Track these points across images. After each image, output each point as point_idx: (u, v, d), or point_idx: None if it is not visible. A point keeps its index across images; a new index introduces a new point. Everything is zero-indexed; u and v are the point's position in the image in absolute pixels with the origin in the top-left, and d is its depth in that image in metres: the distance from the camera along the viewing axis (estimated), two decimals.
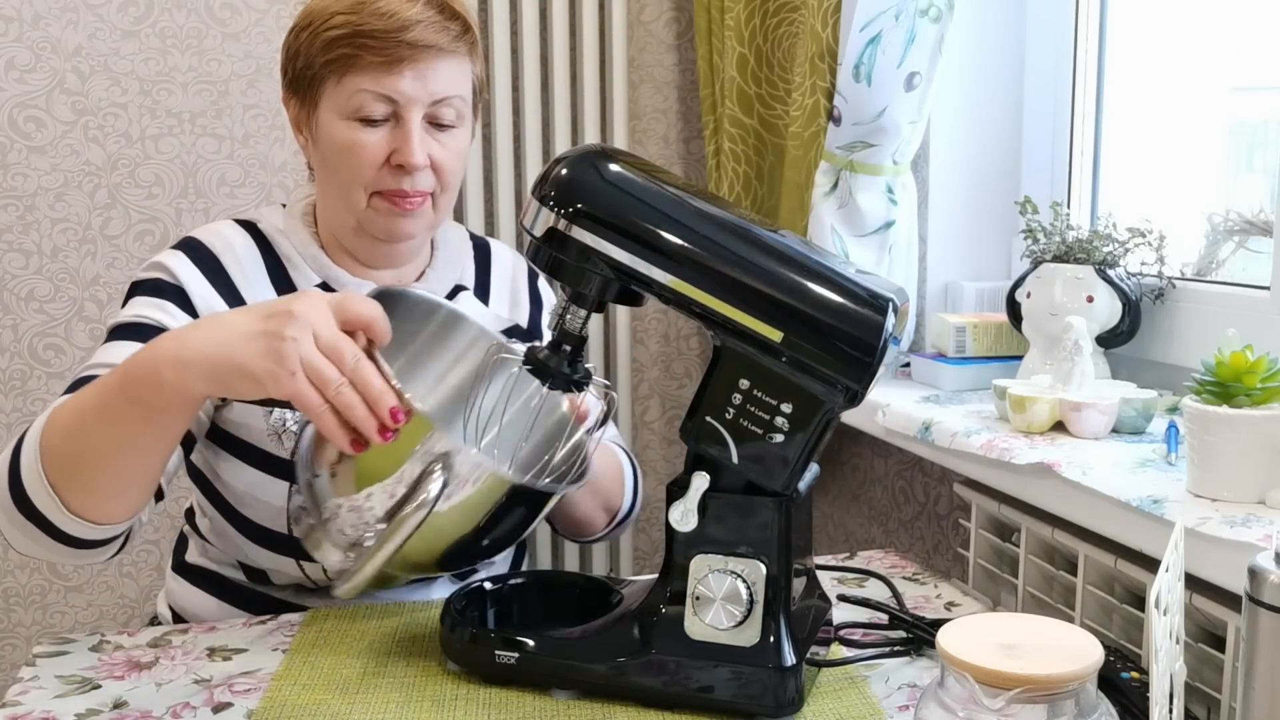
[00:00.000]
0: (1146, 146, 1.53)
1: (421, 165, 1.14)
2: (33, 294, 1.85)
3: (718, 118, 1.89)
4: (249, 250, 1.20)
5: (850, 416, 1.40)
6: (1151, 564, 1.01)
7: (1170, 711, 0.73)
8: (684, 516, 0.91)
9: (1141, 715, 0.89)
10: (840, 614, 1.11)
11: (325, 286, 1.20)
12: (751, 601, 0.89)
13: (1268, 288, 1.24)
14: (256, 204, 1.92)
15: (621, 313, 2.06)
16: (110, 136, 1.84)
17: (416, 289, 1.14)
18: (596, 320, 2.04)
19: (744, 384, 0.89)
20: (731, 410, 0.90)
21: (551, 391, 1.06)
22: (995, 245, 1.67)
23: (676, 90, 2.09)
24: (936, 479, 1.63)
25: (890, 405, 1.40)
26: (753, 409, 0.89)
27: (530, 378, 1.11)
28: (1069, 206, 1.58)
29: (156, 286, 1.15)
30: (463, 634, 0.98)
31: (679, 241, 0.88)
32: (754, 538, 0.90)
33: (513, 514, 0.98)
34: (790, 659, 0.89)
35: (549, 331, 1.32)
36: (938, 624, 1.02)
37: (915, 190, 1.54)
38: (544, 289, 1.38)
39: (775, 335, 0.87)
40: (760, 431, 0.89)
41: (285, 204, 1.27)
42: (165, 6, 1.84)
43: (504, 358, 1.15)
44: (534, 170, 1.96)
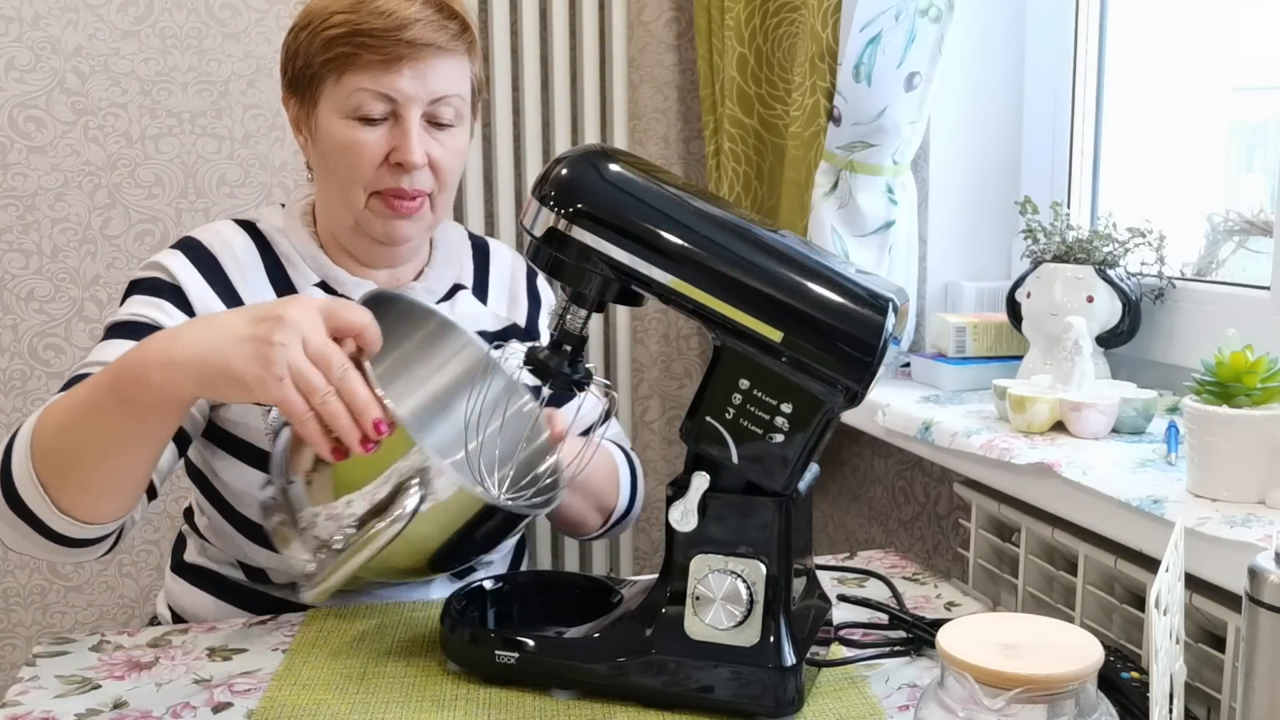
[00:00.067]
0: (1146, 146, 1.53)
1: (420, 164, 1.14)
2: (33, 294, 1.85)
3: (718, 118, 1.89)
4: (248, 250, 1.20)
5: (850, 416, 1.40)
6: (1151, 564, 1.01)
7: (1170, 711, 0.73)
8: (684, 516, 0.91)
9: (1141, 715, 0.89)
10: (840, 614, 1.11)
11: (324, 286, 1.20)
12: (751, 601, 0.89)
13: (1268, 288, 1.24)
14: (256, 204, 1.92)
15: (621, 313, 2.06)
16: (110, 136, 1.84)
17: (411, 295, 1.15)
18: (596, 320, 2.04)
19: (744, 384, 0.89)
20: (731, 410, 0.90)
21: (532, 406, 1.07)
22: (995, 245, 1.67)
23: (676, 90, 2.09)
24: (936, 479, 1.63)
25: (890, 405, 1.40)
26: (753, 409, 0.89)
27: (515, 388, 1.12)
28: (1069, 206, 1.58)
29: (154, 286, 1.16)
30: (463, 634, 0.98)
31: (679, 241, 0.88)
32: (754, 538, 0.90)
33: (485, 529, 0.99)
34: (790, 659, 0.89)
35: (548, 331, 1.33)
36: (938, 624, 1.02)
37: (915, 190, 1.54)
38: (543, 288, 1.38)
39: (775, 335, 0.87)
40: (760, 431, 0.89)
41: (285, 204, 1.27)
42: (165, 6, 1.84)
43: (495, 367, 1.16)
44: (534, 170, 1.96)
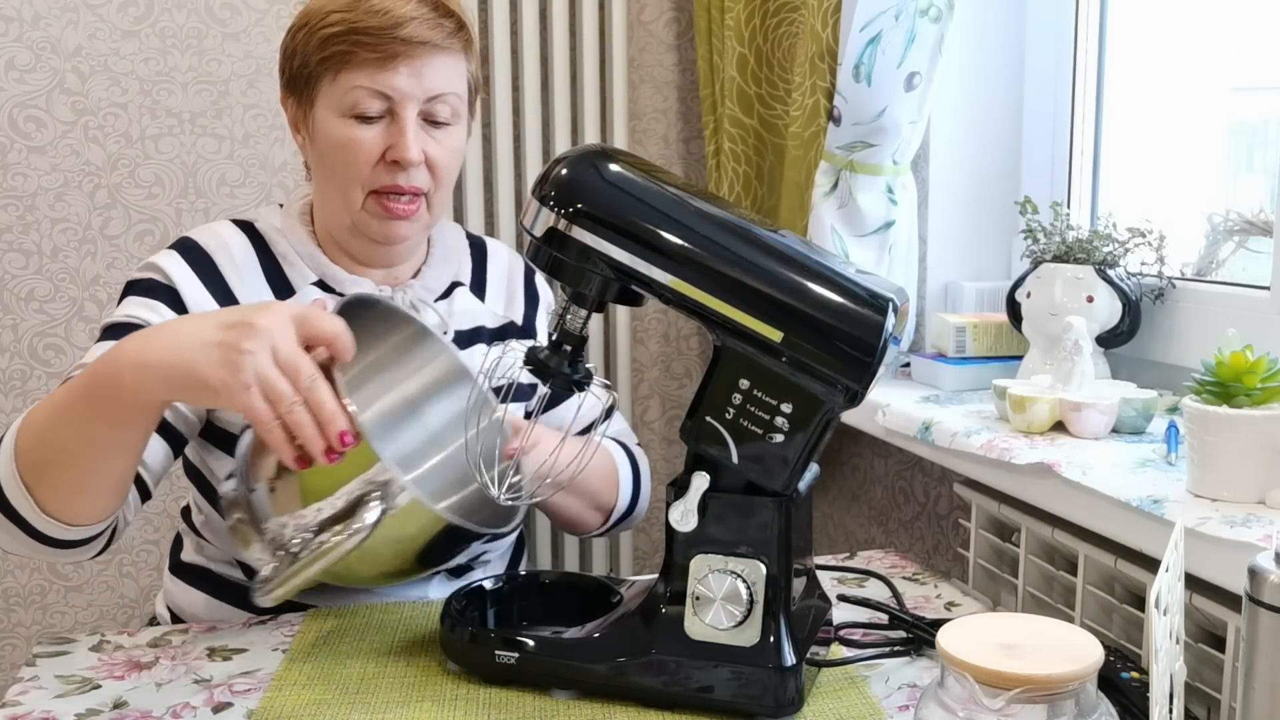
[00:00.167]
0: (1146, 146, 1.53)
1: (416, 161, 1.14)
2: (33, 294, 1.85)
3: (718, 118, 1.89)
4: (244, 249, 1.20)
5: (850, 416, 1.39)
6: (1151, 564, 1.01)
7: (1170, 711, 0.73)
8: (684, 516, 0.91)
9: (1141, 715, 0.89)
10: (840, 614, 1.11)
11: (321, 284, 1.21)
12: (751, 601, 0.89)
13: (1268, 288, 1.24)
14: (256, 204, 1.92)
15: (621, 313, 2.06)
16: (110, 136, 1.84)
17: (391, 300, 1.15)
18: (596, 320, 2.04)
19: (744, 384, 0.89)
20: (731, 410, 0.90)
21: (499, 416, 1.08)
22: (995, 245, 1.67)
23: (676, 90, 2.09)
24: (936, 479, 1.63)
25: (890, 405, 1.39)
26: (753, 409, 0.89)
27: (488, 399, 1.13)
28: (1069, 206, 1.58)
29: (149, 287, 1.16)
30: (463, 634, 0.98)
31: (679, 241, 0.88)
32: (754, 538, 0.90)
33: (445, 543, 1.00)
34: (790, 659, 0.89)
35: (545, 330, 1.33)
36: (938, 624, 1.02)
37: (915, 190, 1.54)
38: (541, 286, 1.38)
39: (775, 335, 0.87)
40: (760, 431, 0.89)
41: (283, 204, 1.27)
42: (165, 6, 1.84)
43: (471, 376, 1.16)
44: (534, 170, 1.96)
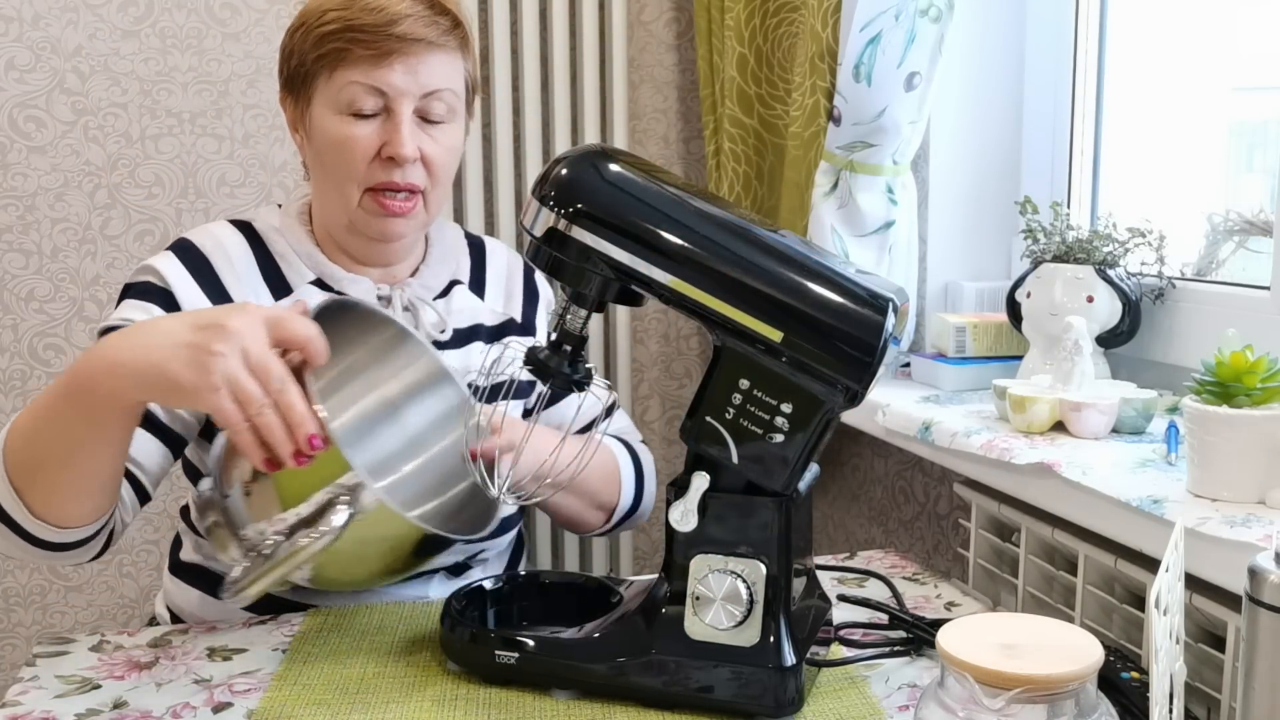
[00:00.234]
0: (1146, 146, 1.53)
1: (411, 157, 1.14)
2: (33, 294, 1.85)
3: (718, 118, 1.89)
4: (241, 249, 1.21)
5: (850, 416, 1.39)
6: (1151, 564, 1.01)
7: (1170, 711, 0.73)
8: (684, 516, 0.91)
9: (1141, 715, 0.89)
10: (840, 614, 1.11)
11: (319, 283, 1.21)
12: (751, 601, 0.89)
13: (1268, 288, 1.24)
14: (256, 204, 1.92)
15: (621, 313, 2.06)
16: (110, 136, 1.84)
17: (369, 303, 1.15)
18: (596, 320, 2.04)
19: (744, 384, 0.89)
20: (731, 410, 0.90)
21: (474, 421, 1.09)
22: (995, 245, 1.67)
23: (676, 90, 2.09)
24: (936, 479, 1.63)
25: (890, 405, 1.39)
26: (753, 409, 0.89)
27: (468, 410, 1.13)
28: (1069, 206, 1.58)
29: (144, 290, 1.17)
30: (463, 634, 0.98)
31: (679, 241, 0.88)
32: (754, 538, 0.90)
33: (421, 547, 1.00)
34: (790, 659, 0.89)
35: (545, 327, 1.33)
36: (938, 624, 1.02)
37: (915, 190, 1.54)
38: (540, 283, 1.38)
39: (775, 335, 0.87)
40: (760, 431, 0.89)
41: (282, 204, 1.28)
42: (165, 6, 1.84)
43: (452, 380, 1.16)
44: (534, 170, 1.96)
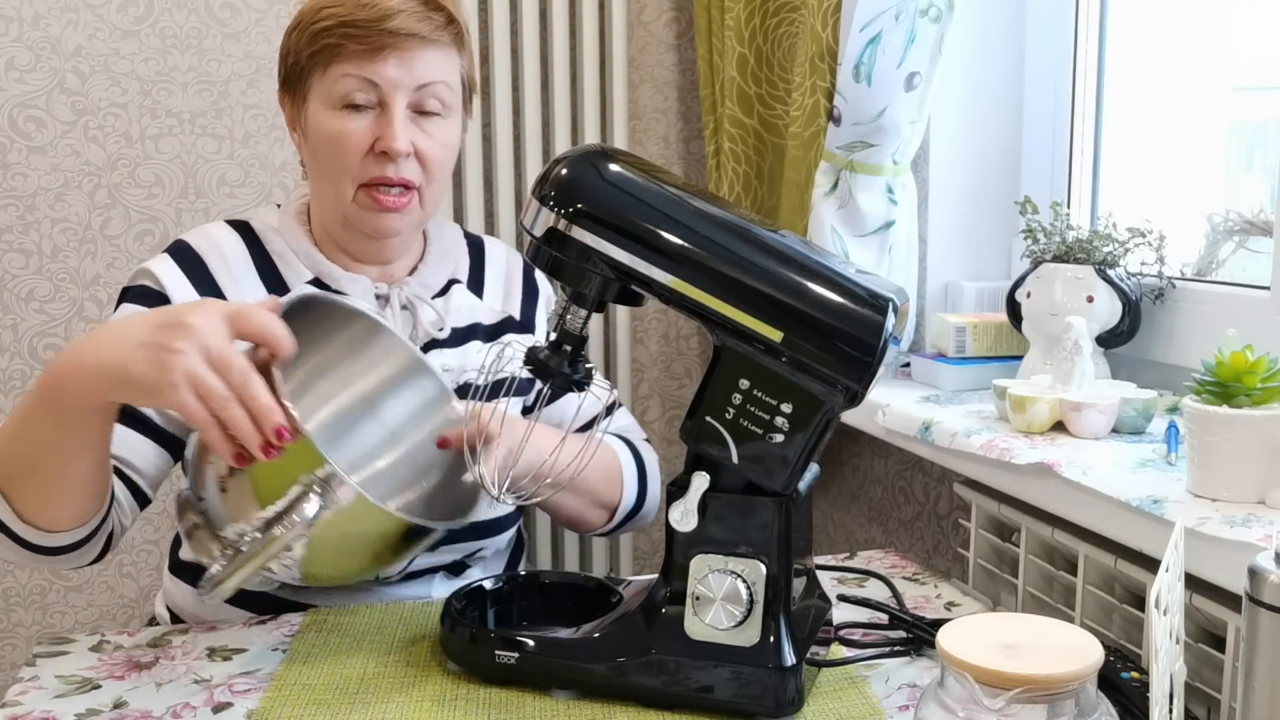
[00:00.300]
0: (1146, 146, 1.53)
1: (404, 151, 1.14)
2: (33, 294, 1.85)
3: (718, 118, 1.89)
4: (238, 250, 1.21)
5: (850, 416, 1.39)
6: (1151, 564, 1.01)
7: (1170, 711, 0.73)
8: (684, 516, 0.91)
9: (1141, 715, 0.89)
10: (840, 614, 1.11)
11: (317, 282, 1.21)
12: (751, 601, 0.89)
13: (1268, 288, 1.24)
14: (256, 204, 1.92)
15: (621, 313, 2.06)
16: (110, 136, 1.84)
17: (340, 297, 1.14)
18: (596, 320, 2.04)
19: (744, 384, 0.89)
20: (731, 410, 0.90)
21: (458, 415, 1.09)
22: (995, 245, 1.67)
23: (676, 90, 2.09)
24: (936, 479, 1.63)
25: (890, 405, 1.39)
26: (753, 409, 0.89)
27: (447, 394, 1.13)
28: (1069, 206, 1.58)
29: (141, 294, 1.18)
30: (463, 634, 0.98)
31: (679, 241, 0.88)
32: (754, 538, 0.90)
33: (400, 537, 0.99)
34: (790, 659, 0.89)
35: (544, 323, 1.33)
36: (938, 624, 1.02)
37: (915, 190, 1.54)
38: (540, 280, 1.38)
39: (775, 335, 0.87)
40: (760, 431, 0.89)
41: (281, 204, 1.28)
42: (165, 6, 1.84)
43: (428, 371, 1.16)
44: (534, 170, 1.96)
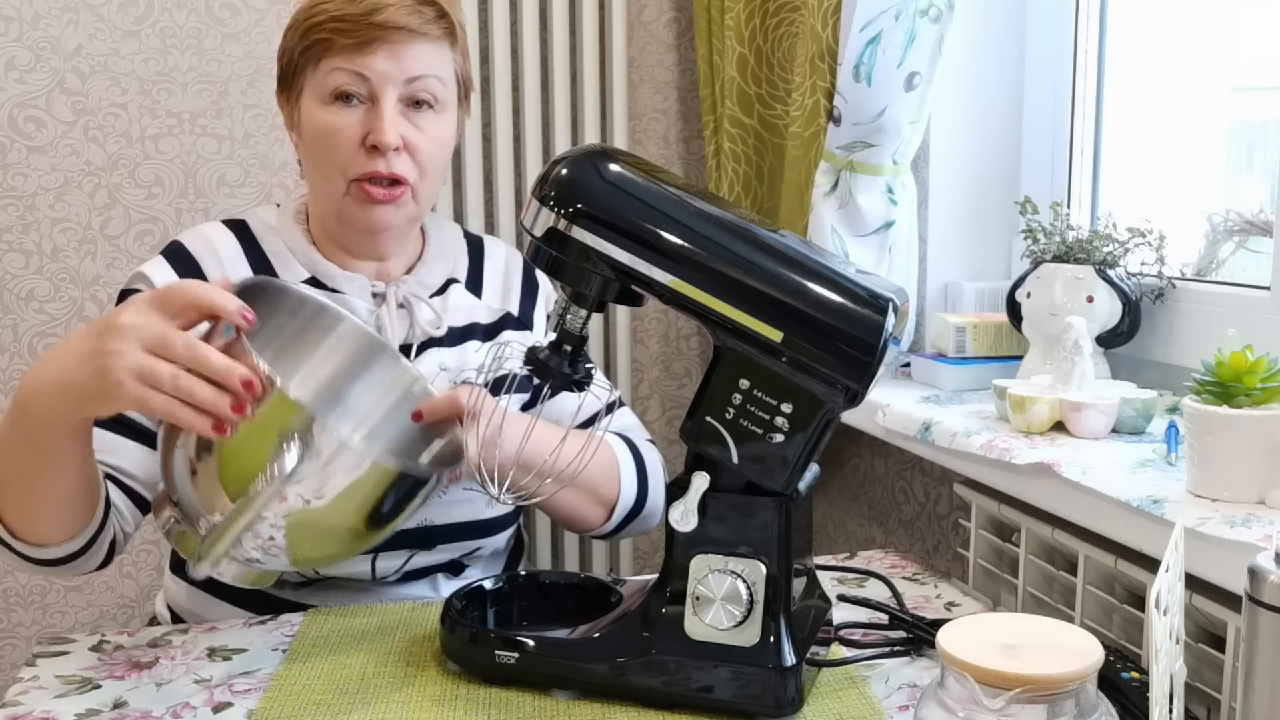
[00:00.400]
0: (1146, 146, 1.53)
1: (393, 144, 1.14)
2: (33, 294, 1.85)
3: (718, 118, 1.89)
4: (233, 250, 1.21)
5: (850, 416, 1.39)
6: (1151, 564, 1.01)
7: (1170, 711, 0.73)
8: (684, 516, 0.91)
9: (1141, 715, 0.89)
10: (840, 614, 1.11)
11: (314, 281, 1.21)
12: (751, 601, 0.89)
13: (1268, 288, 1.24)
14: (256, 204, 1.92)
15: (621, 313, 2.06)
16: (110, 136, 1.84)
17: (288, 282, 1.13)
18: (596, 320, 2.03)
19: (744, 384, 0.89)
20: (731, 410, 0.90)
21: (423, 385, 1.10)
22: (995, 245, 1.67)
23: (676, 90, 2.09)
24: (936, 479, 1.63)
25: (890, 405, 1.39)
26: (753, 409, 0.89)
27: (407, 375, 1.14)
28: (1069, 206, 1.58)
29: None
30: (463, 634, 0.98)
31: (679, 241, 0.88)
32: (754, 538, 0.90)
33: (383, 498, 0.95)
34: (790, 659, 0.89)
35: (542, 321, 1.32)
36: (938, 624, 1.02)
37: (915, 190, 1.54)
38: (540, 278, 1.37)
39: (775, 335, 0.87)
40: (760, 431, 0.89)
41: (280, 204, 1.28)
42: (165, 6, 1.84)
43: (387, 347, 1.15)
44: (534, 170, 1.96)
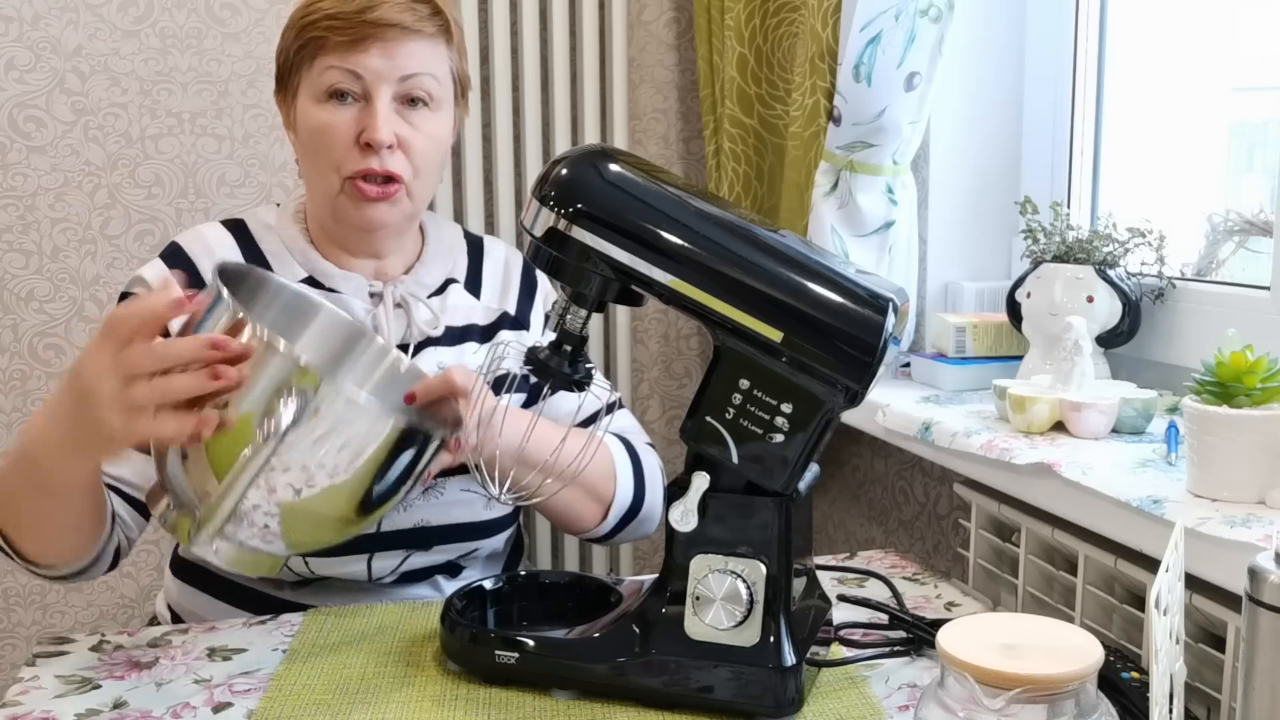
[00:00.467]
0: (1146, 146, 1.53)
1: (386, 141, 1.14)
2: (33, 294, 1.85)
3: (718, 118, 1.89)
4: (230, 250, 1.22)
5: (850, 416, 1.39)
6: (1151, 564, 1.01)
7: (1170, 711, 0.73)
8: (684, 516, 0.91)
9: (1141, 715, 0.89)
10: (840, 614, 1.11)
11: (311, 280, 1.21)
12: (751, 601, 0.89)
13: (1268, 288, 1.24)
14: (256, 204, 1.92)
15: (621, 313, 2.06)
16: (110, 136, 1.84)
17: (269, 273, 1.12)
18: (596, 320, 2.03)
19: (744, 384, 0.89)
20: (731, 410, 0.90)
21: (410, 365, 1.10)
22: (995, 245, 1.67)
23: (676, 90, 2.09)
24: (936, 479, 1.63)
25: (890, 405, 1.39)
26: (753, 409, 0.89)
27: (389, 350, 1.14)
28: (1069, 206, 1.58)
29: None
30: (463, 634, 0.98)
31: (679, 241, 0.88)
32: (754, 538, 0.90)
33: (381, 459, 0.91)
34: (790, 659, 0.89)
35: (539, 320, 1.32)
36: (938, 624, 1.02)
37: (915, 190, 1.54)
38: (539, 277, 1.37)
39: (775, 335, 0.87)
40: (760, 431, 0.89)
41: (280, 204, 1.28)
42: (165, 6, 1.84)
43: (367, 333, 1.15)
44: (534, 170, 1.96)
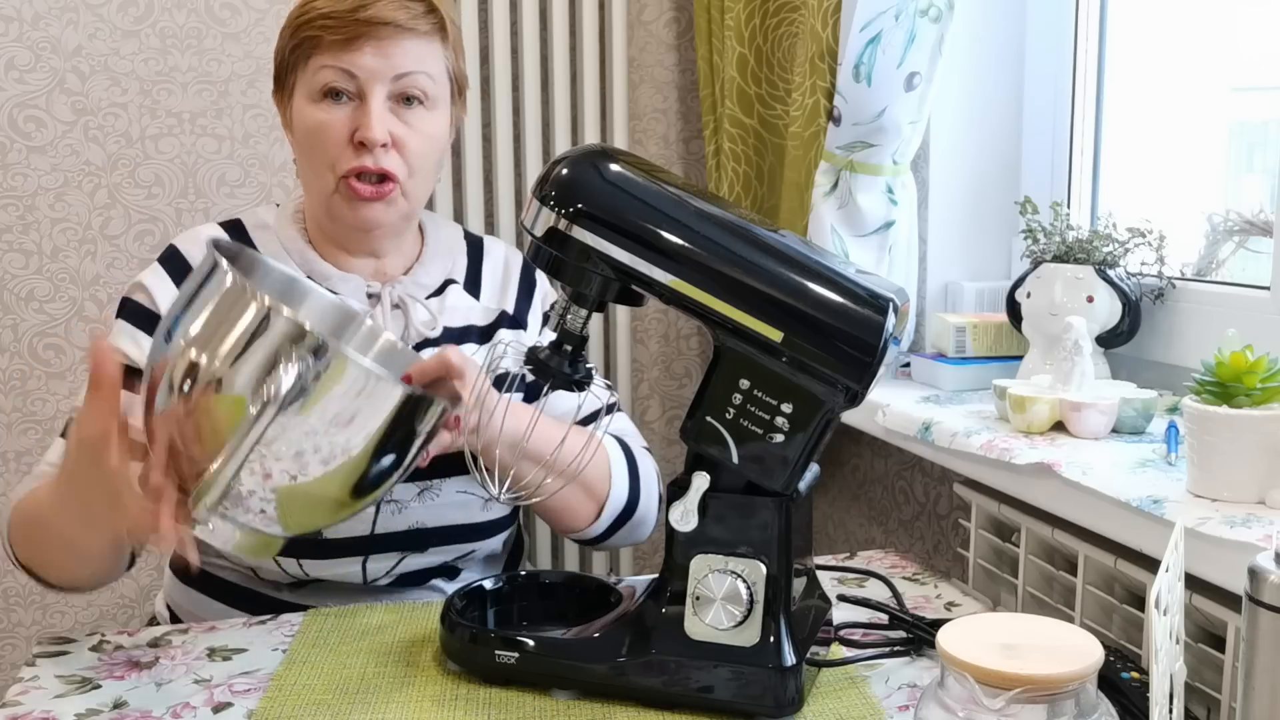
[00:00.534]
0: (1146, 146, 1.53)
1: (380, 140, 1.14)
2: (33, 294, 1.85)
3: (718, 118, 1.89)
4: None
5: (850, 416, 1.39)
6: (1151, 564, 1.01)
7: (1170, 711, 0.73)
8: (684, 516, 0.91)
9: (1141, 715, 0.89)
10: (840, 614, 1.11)
11: (308, 279, 1.21)
12: (751, 601, 0.89)
13: (1268, 288, 1.24)
14: (256, 204, 1.92)
15: (621, 313, 2.06)
16: (110, 136, 1.84)
17: (262, 255, 1.10)
18: (596, 320, 2.03)
19: (744, 384, 0.89)
20: (731, 410, 0.90)
21: (401, 344, 1.09)
22: (995, 245, 1.67)
23: (676, 90, 2.09)
24: (936, 479, 1.63)
25: (890, 405, 1.39)
26: (753, 409, 0.89)
27: (378, 331, 1.13)
28: (1069, 206, 1.58)
29: (135, 312, 1.19)
30: (463, 634, 0.98)
31: (679, 241, 0.88)
32: (754, 538, 0.90)
33: (386, 427, 0.87)
34: (790, 659, 0.89)
35: (537, 320, 1.32)
36: (938, 624, 1.02)
37: (915, 190, 1.54)
38: (539, 277, 1.37)
39: (775, 335, 0.87)
40: (760, 431, 0.89)
41: (280, 204, 1.28)
42: (165, 6, 1.84)
43: (358, 317, 1.13)
44: (534, 170, 1.96)
